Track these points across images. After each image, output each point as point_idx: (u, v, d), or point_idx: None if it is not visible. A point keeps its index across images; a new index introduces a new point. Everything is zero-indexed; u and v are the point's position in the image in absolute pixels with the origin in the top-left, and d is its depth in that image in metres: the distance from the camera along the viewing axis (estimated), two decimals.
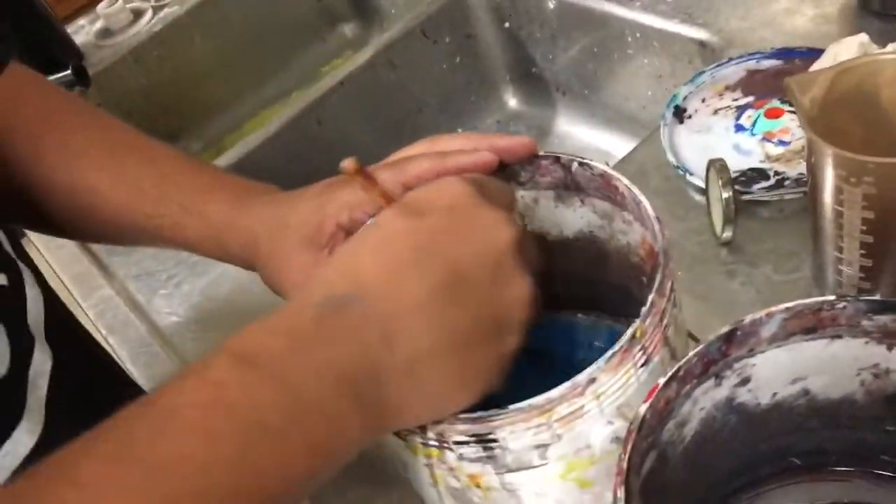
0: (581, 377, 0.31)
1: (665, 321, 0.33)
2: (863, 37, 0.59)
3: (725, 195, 0.53)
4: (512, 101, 0.98)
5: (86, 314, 0.71)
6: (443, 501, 0.37)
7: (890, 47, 0.57)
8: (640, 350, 0.32)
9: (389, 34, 0.89)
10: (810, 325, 0.31)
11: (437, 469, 0.34)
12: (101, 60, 1.01)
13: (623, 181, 0.37)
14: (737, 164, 0.60)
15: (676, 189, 0.61)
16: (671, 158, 0.61)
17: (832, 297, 0.30)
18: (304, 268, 0.42)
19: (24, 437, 0.41)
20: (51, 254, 0.76)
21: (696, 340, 0.43)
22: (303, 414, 0.29)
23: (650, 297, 0.32)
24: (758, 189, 0.58)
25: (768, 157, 0.60)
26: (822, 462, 0.38)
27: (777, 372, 0.33)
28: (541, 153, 0.40)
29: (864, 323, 0.30)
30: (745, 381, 0.33)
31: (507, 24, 0.91)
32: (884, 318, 0.30)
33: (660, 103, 0.83)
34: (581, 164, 0.39)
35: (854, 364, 0.33)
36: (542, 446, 0.32)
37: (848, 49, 0.60)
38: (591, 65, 0.87)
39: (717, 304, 0.53)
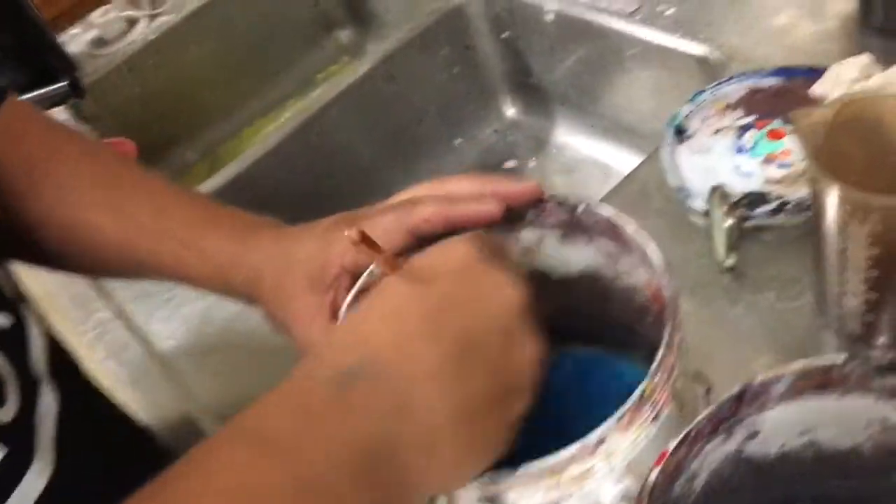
0: (591, 438, 0.31)
1: (674, 375, 0.33)
2: (864, 58, 0.59)
3: (728, 223, 0.53)
4: (510, 111, 0.97)
5: (84, 337, 0.70)
6: None
7: (893, 70, 0.57)
8: (649, 407, 0.32)
9: (387, 45, 0.89)
10: (820, 384, 0.31)
11: None
12: (95, 70, 1.00)
13: (629, 227, 0.37)
14: (738, 186, 0.60)
15: (678, 211, 0.61)
16: (672, 181, 0.61)
17: (842, 358, 0.30)
18: (309, 308, 0.41)
19: (36, 480, 0.40)
20: (46, 276, 0.75)
21: (701, 376, 0.43)
22: (316, 496, 0.29)
23: (659, 354, 0.32)
24: (759, 213, 0.57)
25: (769, 181, 0.60)
26: None
27: (785, 425, 0.33)
28: (546, 196, 0.40)
29: (874, 383, 0.30)
30: (753, 434, 0.33)
31: (505, 35, 0.91)
32: (893, 380, 0.30)
33: (660, 117, 0.82)
34: (587, 207, 0.39)
35: (863, 418, 0.33)
36: None
37: (850, 70, 0.59)
38: (590, 76, 0.86)
39: (719, 331, 0.53)
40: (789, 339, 0.51)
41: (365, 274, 0.40)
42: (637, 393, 0.31)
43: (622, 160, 0.89)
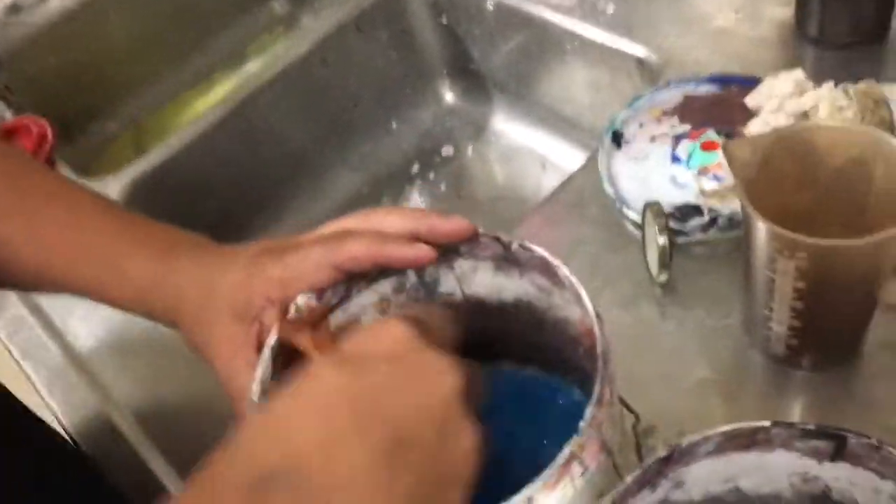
0: (518, 498, 0.30)
1: (603, 428, 0.33)
2: (798, 73, 0.59)
3: (661, 241, 0.53)
4: (448, 96, 0.96)
5: None
6: None
7: (825, 87, 0.58)
8: (577, 464, 0.32)
9: (323, 27, 0.86)
10: (745, 444, 0.31)
11: None
12: (10, 39, 0.94)
13: (563, 269, 0.37)
14: (672, 197, 0.60)
15: (613, 221, 0.61)
16: (608, 189, 0.61)
17: (768, 424, 0.30)
18: (234, 339, 0.40)
19: None
20: None
21: (628, 407, 0.43)
22: None
23: (588, 412, 0.32)
24: (692, 227, 0.58)
25: (703, 193, 0.60)
26: None
27: (710, 476, 0.34)
28: (481, 231, 0.39)
29: (797, 444, 0.31)
30: (679, 485, 0.34)
31: (444, 20, 0.88)
32: (816, 443, 0.30)
33: (597, 112, 0.82)
34: (521, 245, 0.38)
35: (784, 470, 0.33)
36: None
37: (783, 84, 0.60)
38: (530, 66, 0.85)
39: (649, 348, 0.54)
40: (718, 357, 0.52)
41: (291, 308, 0.38)
42: (565, 452, 0.31)
43: (560, 151, 0.89)
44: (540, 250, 0.37)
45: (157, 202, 0.78)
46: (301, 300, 0.38)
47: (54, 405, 0.62)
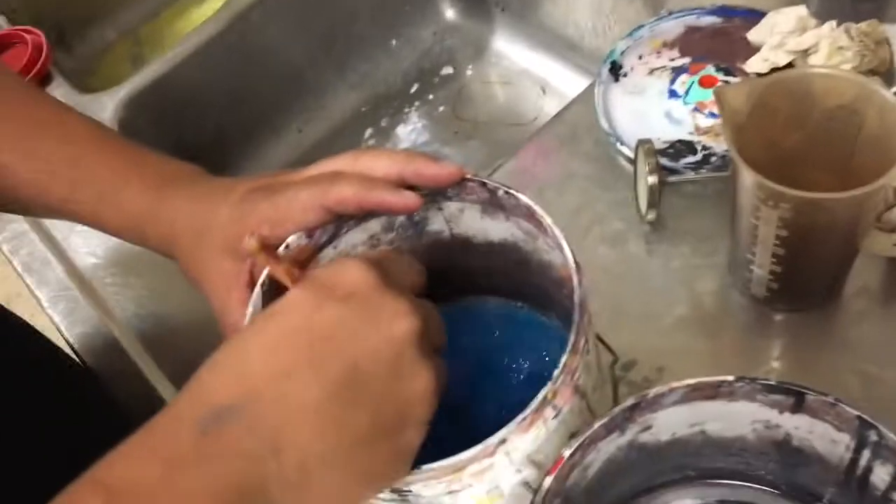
0: (492, 440, 0.32)
1: (577, 375, 0.34)
2: (801, 9, 0.58)
3: (651, 181, 0.53)
4: (449, 13, 0.94)
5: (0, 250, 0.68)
6: None
7: (826, 26, 0.57)
8: (551, 408, 0.33)
9: None
10: (710, 395, 0.33)
11: None
12: None
13: (546, 219, 0.37)
14: (667, 133, 0.60)
15: (606, 155, 0.61)
16: (603, 124, 0.61)
17: (731, 378, 0.31)
18: (226, 275, 0.41)
19: None
20: None
21: (607, 346, 0.45)
22: None
23: (563, 359, 0.33)
24: (684, 164, 0.58)
25: (697, 129, 0.60)
26: (716, 475, 0.41)
27: (677, 420, 0.36)
28: (468, 175, 0.39)
29: (759, 397, 0.32)
30: (646, 428, 0.35)
31: None
32: (776, 397, 0.32)
33: (599, 36, 0.81)
34: (507, 192, 0.39)
35: (748, 418, 0.35)
36: (454, 492, 0.34)
37: (786, 20, 0.59)
38: None
39: (633, 284, 0.55)
40: (701, 295, 0.54)
41: (282, 247, 0.39)
42: (539, 397, 0.32)
43: (560, 76, 0.87)
44: (524, 198, 0.38)
45: (153, 117, 0.78)
46: (292, 240, 0.39)
47: (57, 319, 0.64)
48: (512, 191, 0.38)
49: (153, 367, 0.60)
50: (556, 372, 0.33)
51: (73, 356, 0.63)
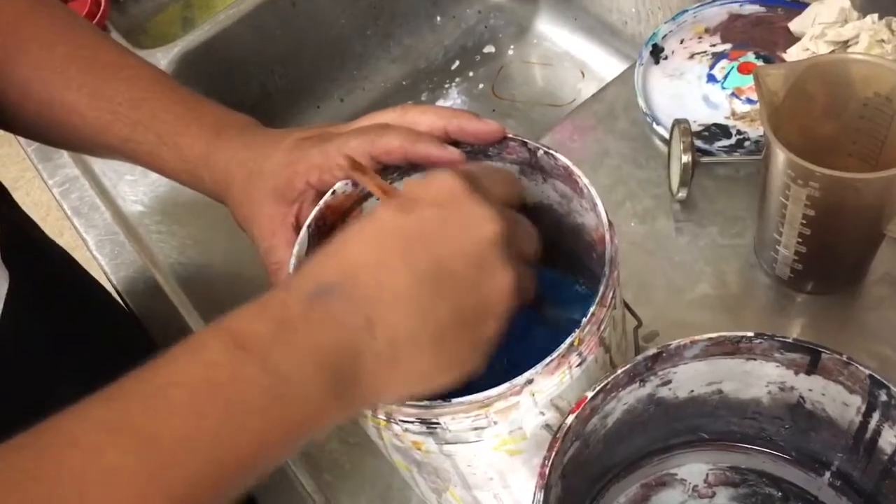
0: (519, 379, 0.34)
1: (603, 326, 0.36)
2: (844, 1, 0.59)
3: (685, 159, 0.55)
4: None
5: (52, 192, 0.71)
6: (388, 451, 0.41)
7: (868, 18, 0.58)
8: (576, 355, 0.35)
9: None
10: (729, 351, 0.34)
11: (383, 432, 0.38)
12: None
13: (583, 179, 0.39)
14: (703, 117, 0.61)
15: (642, 135, 0.63)
16: (641, 104, 0.62)
17: (751, 334, 0.33)
18: (274, 218, 0.43)
19: None
20: None
21: (632, 312, 0.47)
22: (283, 396, 0.31)
23: (591, 308, 0.35)
24: (718, 147, 0.59)
25: (734, 114, 0.61)
26: (729, 438, 0.43)
27: (695, 376, 0.37)
28: (509, 135, 0.41)
29: (776, 355, 0.34)
30: (666, 382, 0.37)
31: None
32: (794, 355, 0.33)
33: (642, 22, 0.82)
34: (546, 153, 0.40)
35: (764, 379, 0.37)
36: (479, 429, 0.36)
37: (829, 11, 0.60)
38: None
39: (660, 259, 0.56)
40: (725, 274, 0.55)
41: (329, 193, 0.41)
42: (566, 342, 0.34)
43: (601, 60, 0.89)
44: (563, 158, 0.40)
45: (201, 77, 0.81)
46: (339, 186, 0.41)
47: (103, 262, 0.66)
48: (552, 151, 0.40)
49: (193, 312, 0.63)
50: (583, 320, 0.35)
51: (117, 296, 0.66)
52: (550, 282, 0.51)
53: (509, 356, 0.42)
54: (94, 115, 0.47)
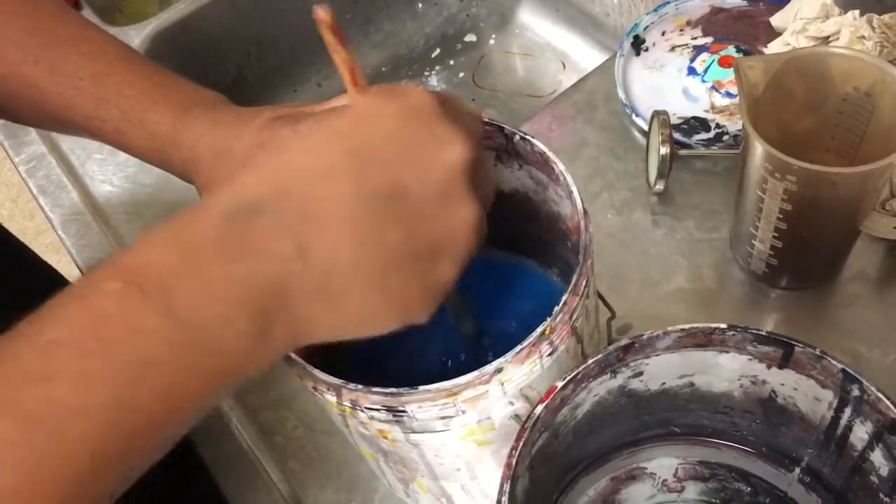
0: (489, 367, 0.33)
1: (575, 315, 0.35)
2: None
3: (663, 151, 0.54)
4: None
5: (17, 170, 0.69)
6: (354, 439, 0.40)
7: (850, 14, 0.57)
8: (547, 344, 0.34)
9: None
10: (702, 342, 0.34)
11: (349, 419, 0.37)
12: None
13: (559, 166, 0.38)
14: (682, 109, 0.61)
15: (621, 126, 0.62)
16: (621, 95, 0.62)
17: (724, 326, 0.33)
18: None
19: None
20: None
21: (606, 303, 0.46)
22: (193, 343, 0.27)
23: (564, 297, 0.34)
24: (696, 140, 0.59)
25: (713, 108, 0.61)
26: (699, 433, 0.42)
27: (667, 369, 0.37)
28: (486, 119, 0.40)
29: (749, 348, 0.33)
30: (637, 374, 0.37)
31: None
32: (766, 349, 0.33)
33: (625, 14, 0.82)
34: (522, 138, 0.40)
35: (736, 372, 0.36)
36: (447, 418, 0.35)
37: (810, 7, 0.60)
38: None
39: (636, 252, 0.56)
40: (700, 268, 0.55)
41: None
42: (538, 331, 0.34)
43: (582, 52, 0.88)
44: (539, 144, 0.39)
45: (176, 56, 0.79)
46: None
47: (68, 242, 0.65)
48: (528, 136, 0.39)
49: None
50: (555, 308, 0.34)
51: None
52: (521, 272, 0.50)
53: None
54: (56, 90, 0.45)
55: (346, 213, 0.28)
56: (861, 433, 0.33)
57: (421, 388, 0.33)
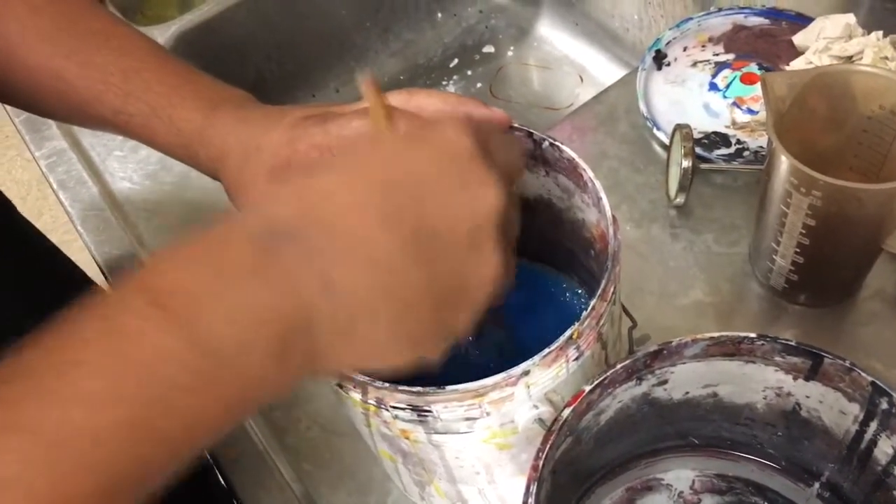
0: (516, 370, 0.33)
1: (602, 321, 0.36)
2: (850, 17, 0.59)
3: (685, 164, 0.54)
4: None
5: (38, 165, 0.70)
6: (374, 440, 0.40)
7: (873, 35, 0.58)
8: (574, 348, 0.35)
9: None
10: (730, 351, 0.34)
11: (372, 418, 0.37)
12: None
13: (588, 172, 0.39)
14: (703, 125, 0.61)
15: (641, 139, 0.62)
16: (643, 108, 0.62)
17: (754, 335, 0.33)
18: None
19: None
20: None
21: (628, 313, 0.46)
22: (215, 369, 0.26)
23: (592, 302, 0.35)
24: (717, 155, 0.59)
25: (734, 124, 0.61)
26: (718, 445, 0.42)
27: (692, 378, 0.37)
28: (515, 125, 0.41)
29: (777, 358, 0.33)
30: (662, 382, 0.37)
31: None
32: (795, 359, 0.33)
33: (644, 30, 0.82)
34: (552, 144, 0.40)
35: (761, 383, 0.36)
36: (471, 419, 0.35)
37: (834, 26, 0.60)
38: None
39: (655, 265, 0.56)
40: (719, 282, 0.55)
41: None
42: (566, 335, 0.34)
43: (600, 66, 0.89)
44: (569, 150, 0.39)
45: (198, 58, 0.79)
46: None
47: (87, 238, 0.65)
48: (557, 142, 0.40)
49: None
50: (584, 314, 0.34)
51: (103, 274, 0.64)
52: (544, 281, 0.50)
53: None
54: (84, 84, 0.45)
55: (372, 252, 0.28)
56: (886, 447, 0.33)
57: (448, 388, 0.33)
